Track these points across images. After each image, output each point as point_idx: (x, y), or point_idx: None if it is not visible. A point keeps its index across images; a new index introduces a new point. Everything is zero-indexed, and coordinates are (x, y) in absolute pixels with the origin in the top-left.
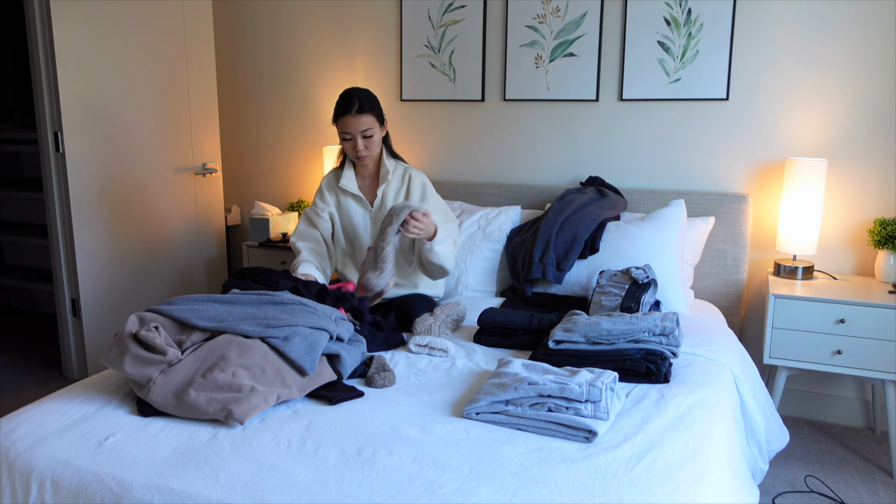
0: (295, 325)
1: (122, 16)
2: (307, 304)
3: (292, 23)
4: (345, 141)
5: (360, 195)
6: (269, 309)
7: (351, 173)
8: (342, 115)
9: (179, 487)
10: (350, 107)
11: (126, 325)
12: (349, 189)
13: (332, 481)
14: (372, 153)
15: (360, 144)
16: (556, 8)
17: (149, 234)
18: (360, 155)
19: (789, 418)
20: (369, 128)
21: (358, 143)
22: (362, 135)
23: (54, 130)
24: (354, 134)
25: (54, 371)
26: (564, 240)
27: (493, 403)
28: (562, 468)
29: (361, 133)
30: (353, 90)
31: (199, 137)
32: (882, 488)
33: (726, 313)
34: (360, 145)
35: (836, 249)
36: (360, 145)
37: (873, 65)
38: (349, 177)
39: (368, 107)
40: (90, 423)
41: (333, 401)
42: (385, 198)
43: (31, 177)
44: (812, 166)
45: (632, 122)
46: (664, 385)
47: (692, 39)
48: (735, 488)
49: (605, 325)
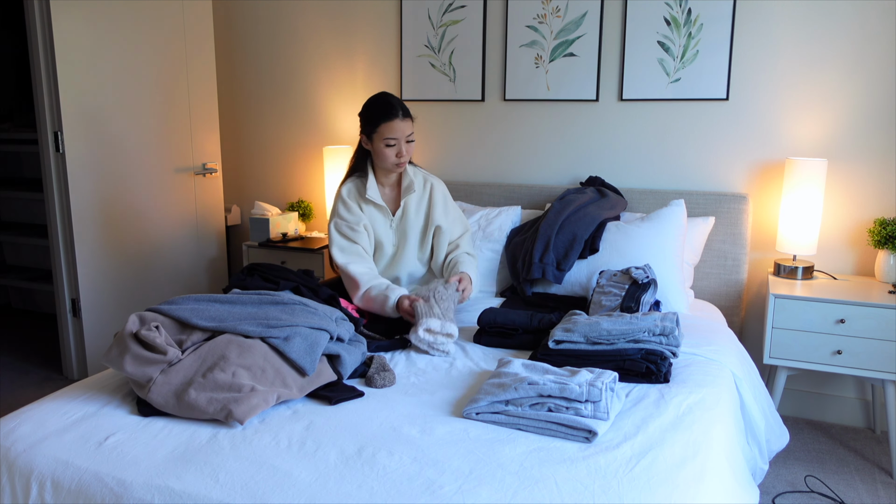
0: (295, 325)
1: (122, 16)
2: (308, 305)
3: (292, 23)
4: (388, 147)
5: (384, 205)
6: (269, 309)
7: (374, 183)
8: (389, 119)
9: (179, 487)
10: (396, 110)
11: (126, 324)
12: (375, 200)
13: (332, 481)
14: (409, 159)
15: (403, 150)
16: (556, 8)
17: (149, 234)
18: (402, 162)
19: (789, 418)
20: (412, 132)
21: (402, 149)
22: (406, 139)
23: (54, 130)
24: (400, 139)
25: (54, 371)
26: (564, 240)
27: (493, 403)
28: (562, 468)
29: (406, 138)
30: (388, 95)
31: (199, 137)
32: (882, 488)
33: (726, 313)
34: (403, 151)
35: (836, 249)
36: (403, 151)
37: (873, 65)
38: (374, 188)
39: (408, 111)
40: (90, 423)
41: (333, 401)
42: (408, 207)
43: (31, 177)
44: (812, 166)
45: (632, 122)
46: (664, 385)
47: (692, 39)
48: (735, 488)
49: (605, 325)
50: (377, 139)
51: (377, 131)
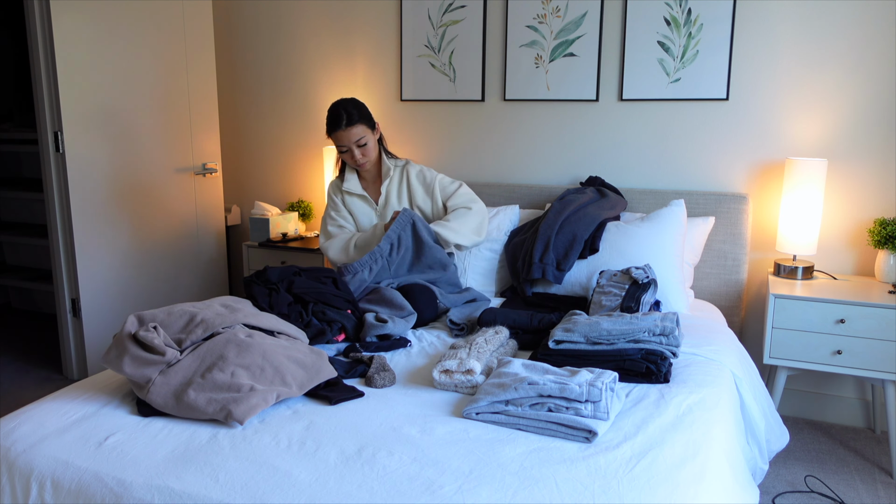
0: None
1: (122, 16)
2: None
3: (292, 23)
4: (342, 153)
5: (364, 194)
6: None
7: (354, 177)
8: (334, 131)
9: (179, 487)
10: (339, 121)
11: (125, 325)
12: (354, 190)
13: (332, 481)
14: (370, 158)
15: (356, 154)
16: (556, 8)
17: (149, 234)
18: (360, 163)
19: (789, 418)
20: (361, 136)
21: (355, 154)
22: (356, 144)
23: (54, 130)
24: (349, 146)
25: (54, 371)
26: (564, 240)
27: (493, 403)
28: (562, 468)
29: (356, 143)
30: (339, 104)
31: (199, 137)
32: (882, 488)
33: (726, 313)
34: (357, 155)
35: (836, 249)
36: (357, 155)
37: (873, 64)
38: (352, 180)
39: (358, 117)
40: (90, 423)
41: (333, 401)
42: (389, 194)
43: (31, 177)
44: (812, 166)
45: (632, 122)
46: (664, 385)
47: (692, 39)
48: (735, 488)
49: (605, 325)
50: (335, 146)
51: (331, 139)
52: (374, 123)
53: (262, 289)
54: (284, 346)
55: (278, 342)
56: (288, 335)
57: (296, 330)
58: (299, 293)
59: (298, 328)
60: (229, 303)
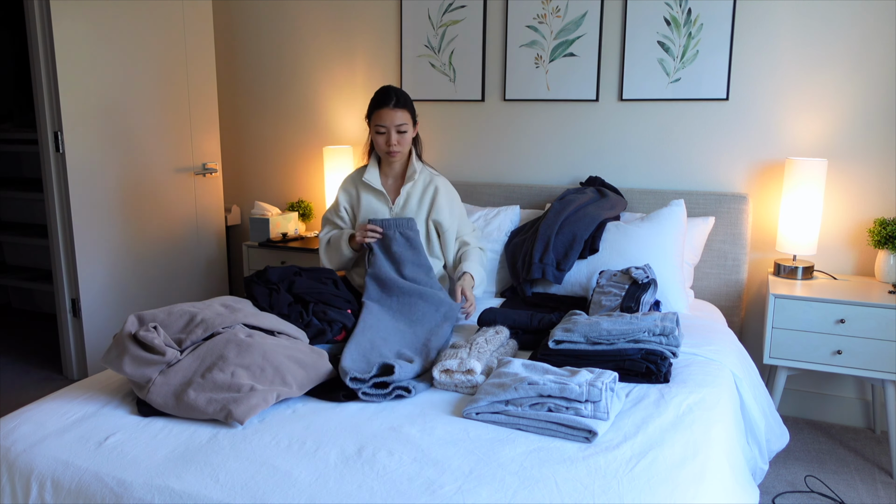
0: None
1: (122, 16)
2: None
3: (292, 23)
4: (378, 135)
5: (381, 190)
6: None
7: (375, 170)
8: (379, 108)
9: (179, 487)
10: (388, 100)
11: (125, 325)
12: (372, 183)
13: (332, 481)
14: (403, 150)
15: (393, 139)
16: (556, 8)
17: (149, 234)
18: (392, 150)
19: (789, 418)
20: (404, 122)
21: (392, 137)
22: (397, 129)
23: (54, 130)
24: (389, 127)
25: (54, 371)
26: (564, 240)
27: (493, 403)
28: (562, 468)
29: (396, 127)
30: (390, 87)
31: (199, 137)
32: (882, 488)
33: (726, 313)
34: (393, 139)
35: (836, 249)
36: (393, 139)
37: (873, 65)
38: (373, 173)
39: (404, 102)
40: (90, 423)
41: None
42: (409, 197)
43: (31, 177)
44: (812, 166)
45: (632, 122)
46: (664, 385)
47: (692, 39)
48: (735, 488)
49: (604, 325)
50: (371, 126)
51: (371, 118)
52: (417, 121)
53: (262, 289)
54: (285, 346)
55: (279, 342)
56: (288, 335)
57: (296, 330)
58: (300, 293)
59: (299, 328)
60: (229, 303)
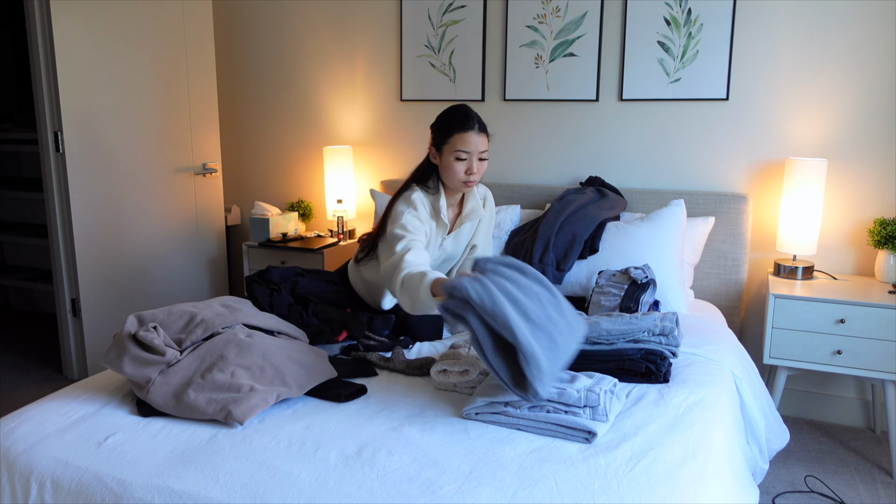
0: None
1: (122, 16)
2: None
3: (292, 23)
4: (458, 161)
5: (445, 223)
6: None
7: (445, 201)
8: (463, 131)
9: (179, 487)
10: (472, 122)
11: (125, 325)
12: (444, 216)
13: (332, 481)
14: (479, 180)
15: (475, 167)
16: (556, 8)
17: (149, 234)
18: (472, 180)
19: (789, 418)
20: (486, 150)
21: (473, 165)
22: (479, 156)
23: (54, 130)
24: (473, 153)
25: (54, 371)
26: (564, 240)
27: (493, 404)
28: (562, 468)
29: (479, 154)
30: (468, 107)
31: (199, 137)
32: (882, 488)
33: (726, 313)
34: (474, 168)
35: (836, 249)
36: (474, 168)
37: (873, 65)
38: (444, 205)
39: (485, 126)
40: (90, 423)
41: (342, 397)
42: (463, 225)
43: (31, 177)
44: (812, 166)
45: (632, 122)
46: (664, 385)
47: (692, 39)
48: (735, 488)
49: (604, 325)
50: (447, 151)
51: (448, 142)
52: None
53: (263, 289)
54: (285, 347)
55: (279, 342)
56: (288, 335)
57: (296, 330)
58: (303, 293)
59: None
60: (229, 303)
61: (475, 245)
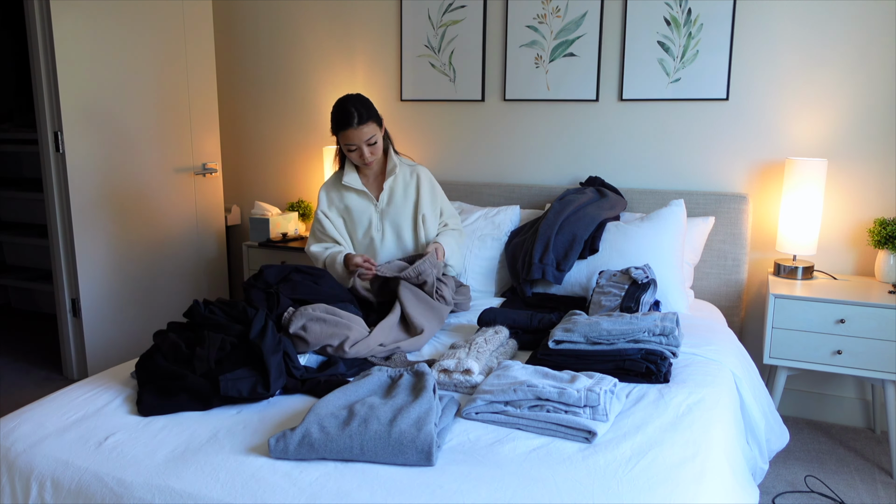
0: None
1: (122, 16)
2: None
3: (292, 23)
4: (350, 152)
5: (364, 190)
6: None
7: (354, 173)
8: (344, 129)
9: (180, 487)
10: (350, 119)
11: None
12: (353, 185)
13: (332, 481)
14: (378, 156)
15: (366, 153)
16: (556, 8)
17: (149, 234)
18: (368, 162)
19: (789, 418)
20: (372, 135)
21: (364, 153)
22: (367, 143)
23: (54, 130)
24: (359, 145)
25: (54, 371)
26: (564, 240)
27: (492, 404)
28: (561, 468)
29: (366, 142)
30: (347, 101)
31: (199, 137)
32: (882, 488)
33: (726, 313)
34: (366, 154)
35: (836, 249)
36: (366, 154)
37: (873, 65)
38: (352, 174)
39: (367, 116)
40: (90, 423)
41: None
42: (393, 192)
43: (31, 177)
44: (812, 166)
45: (632, 122)
46: (664, 385)
47: (692, 39)
48: (735, 488)
49: (604, 325)
50: (341, 143)
51: (338, 137)
52: (381, 119)
53: (260, 293)
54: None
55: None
56: None
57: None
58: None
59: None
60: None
61: (425, 215)
